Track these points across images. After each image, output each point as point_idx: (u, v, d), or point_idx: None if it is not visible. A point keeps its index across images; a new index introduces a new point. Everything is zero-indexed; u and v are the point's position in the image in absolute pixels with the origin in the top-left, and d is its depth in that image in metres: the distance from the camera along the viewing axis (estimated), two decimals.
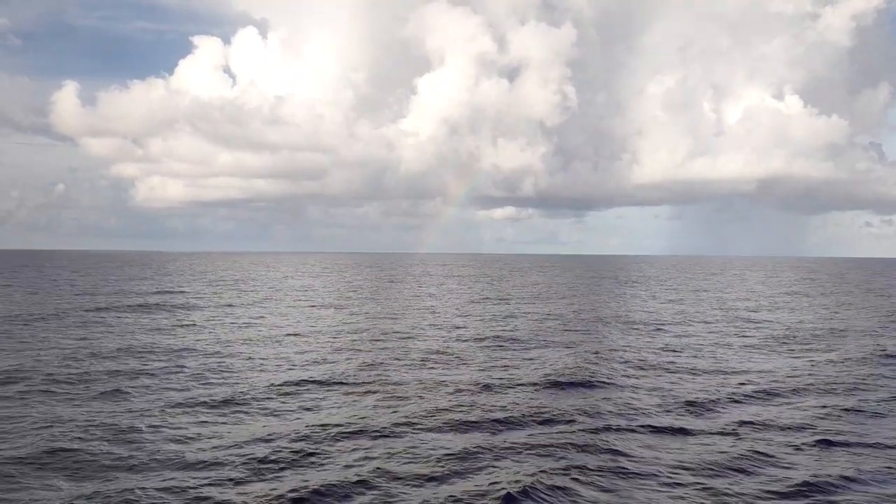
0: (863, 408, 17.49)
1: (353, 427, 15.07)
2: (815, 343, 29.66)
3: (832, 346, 28.51)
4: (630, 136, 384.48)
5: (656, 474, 12.61)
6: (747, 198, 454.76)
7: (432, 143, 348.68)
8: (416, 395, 18.45)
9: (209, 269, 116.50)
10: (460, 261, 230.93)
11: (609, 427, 15.40)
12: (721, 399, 18.29)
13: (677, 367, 23.19)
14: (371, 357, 24.21)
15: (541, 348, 27.09)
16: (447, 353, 25.36)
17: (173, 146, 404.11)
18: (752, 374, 21.84)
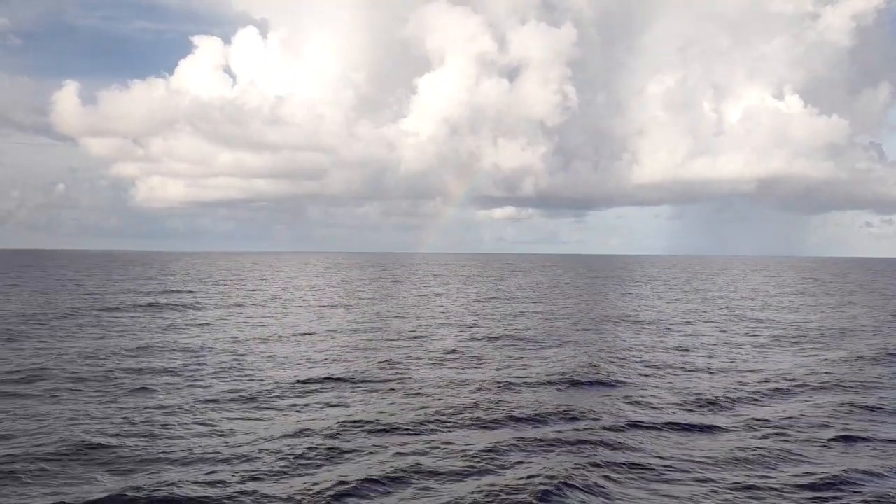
0: (883, 405, 17.73)
1: (383, 424, 15.29)
2: (825, 342, 29.90)
3: (843, 345, 28.76)
4: (630, 135, 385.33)
5: (687, 470, 12.84)
6: (747, 198, 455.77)
7: (432, 142, 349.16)
8: (439, 392, 18.67)
9: (212, 268, 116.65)
10: (461, 261, 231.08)
11: (634, 424, 15.62)
12: (742, 398, 18.51)
13: (693, 366, 23.43)
14: (388, 355, 24.41)
15: (555, 347, 27.31)
16: (463, 352, 25.58)
17: (173, 146, 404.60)
18: (768, 373, 22.07)
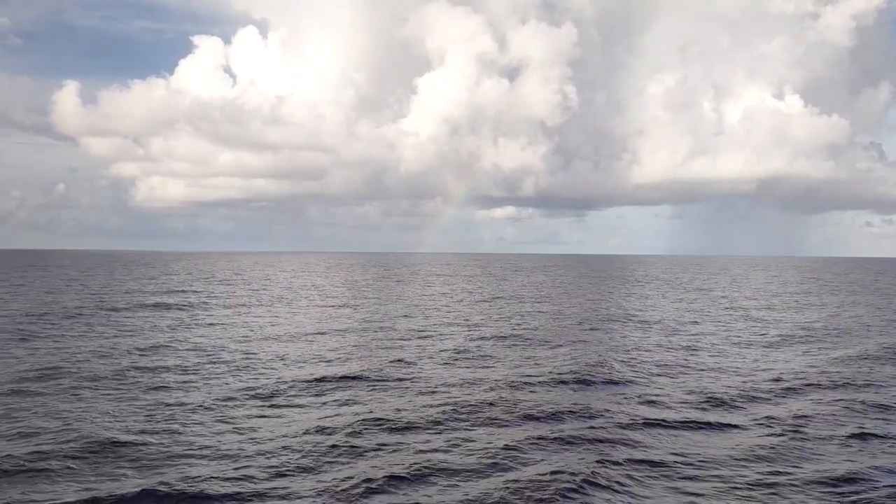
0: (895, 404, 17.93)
1: (403, 422, 15.45)
2: (832, 341, 30.09)
3: (850, 345, 28.95)
4: (630, 135, 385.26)
5: (708, 469, 13.00)
6: (747, 198, 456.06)
7: (433, 142, 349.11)
8: (454, 391, 18.83)
9: (214, 268, 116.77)
10: (462, 261, 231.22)
11: (651, 423, 15.77)
12: (755, 396, 18.68)
13: (704, 365, 23.61)
14: (400, 354, 24.58)
15: (564, 346, 27.48)
16: (473, 351, 25.76)
17: (173, 146, 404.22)
18: (778, 372, 22.24)
